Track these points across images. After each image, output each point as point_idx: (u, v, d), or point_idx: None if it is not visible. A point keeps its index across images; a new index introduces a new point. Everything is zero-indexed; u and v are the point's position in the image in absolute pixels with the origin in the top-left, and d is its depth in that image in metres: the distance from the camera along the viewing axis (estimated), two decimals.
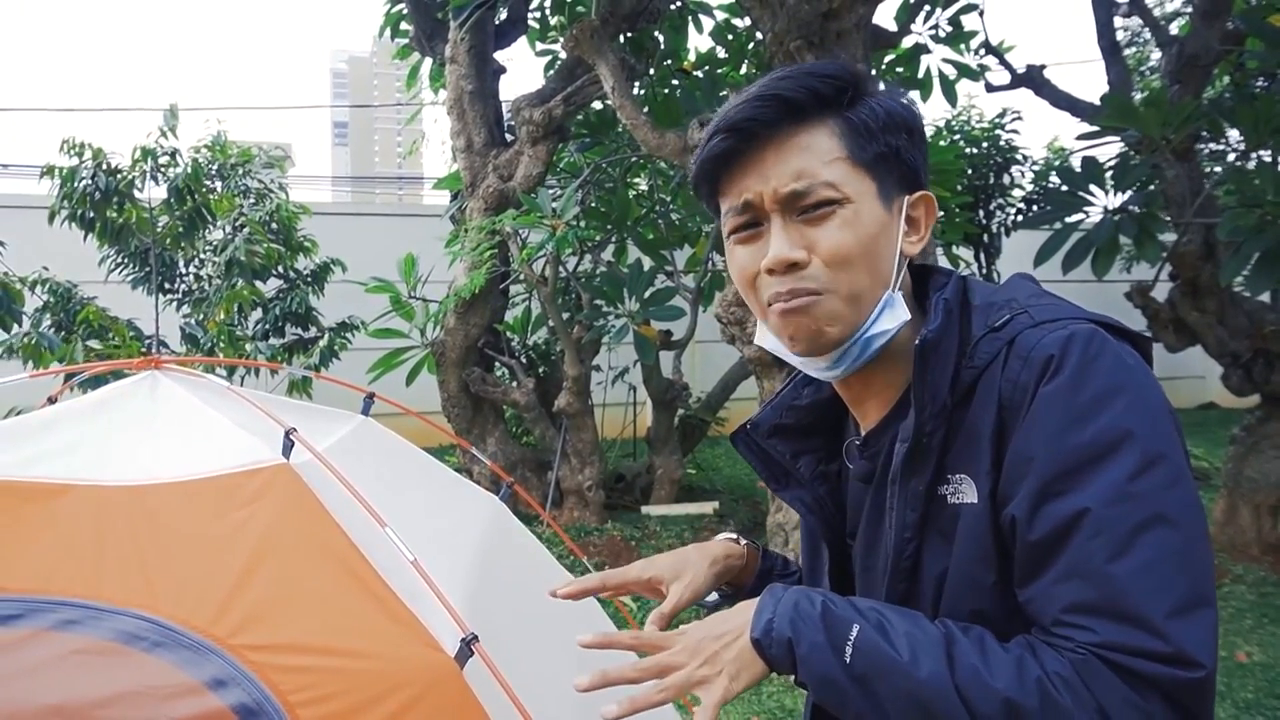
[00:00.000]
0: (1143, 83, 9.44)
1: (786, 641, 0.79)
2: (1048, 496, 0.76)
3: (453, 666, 1.24)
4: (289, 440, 1.46)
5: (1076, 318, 0.81)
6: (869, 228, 0.85)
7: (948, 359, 0.84)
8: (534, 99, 5.32)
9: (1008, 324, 0.83)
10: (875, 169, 0.86)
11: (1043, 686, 0.72)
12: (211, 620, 1.27)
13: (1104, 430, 0.75)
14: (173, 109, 4.84)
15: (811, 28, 4.24)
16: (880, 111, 0.86)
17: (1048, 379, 0.77)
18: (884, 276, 0.86)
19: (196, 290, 5.85)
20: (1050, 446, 0.76)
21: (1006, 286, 0.90)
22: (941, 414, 0.84)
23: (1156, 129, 4.28)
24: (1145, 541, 0.72)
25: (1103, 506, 0.73)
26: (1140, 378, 0.78)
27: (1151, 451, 0.74)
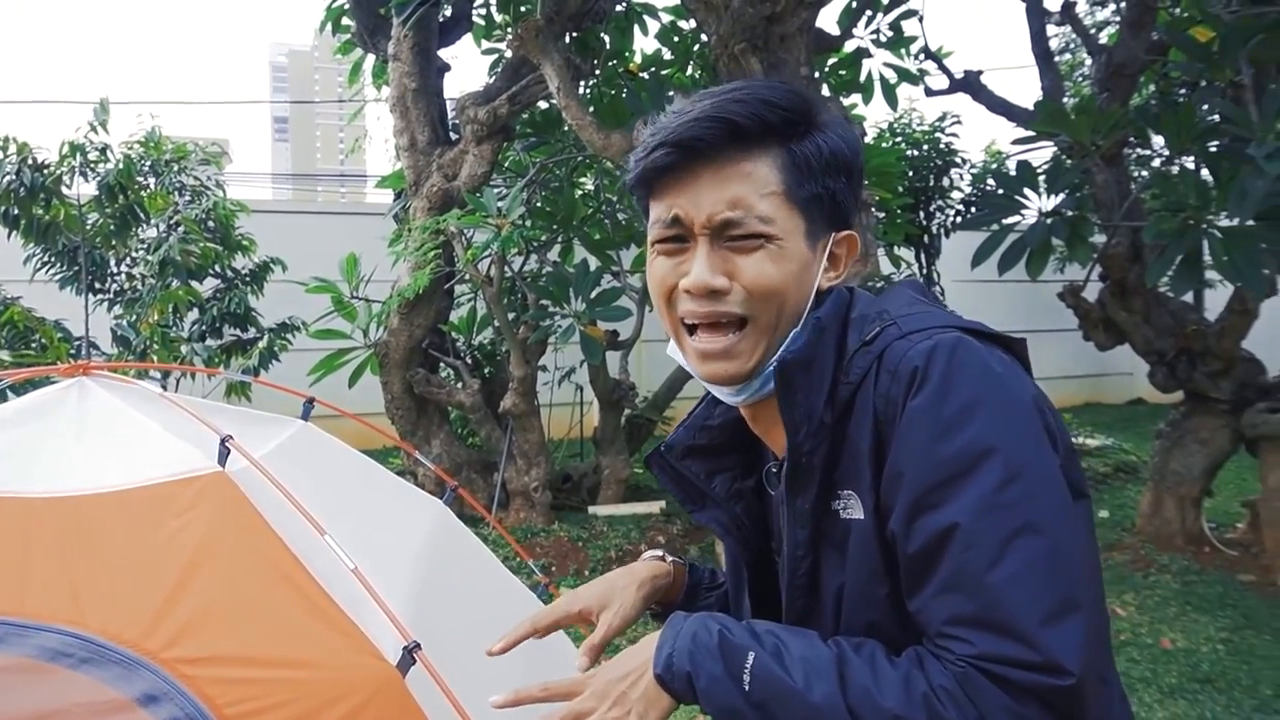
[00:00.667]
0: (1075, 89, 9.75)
1: (686, 675, 0.80)
2: (920, 510, 0.77)
3: (395, 675, 1.23)
4: (225, 447, 1.43)
5: (943, 326, 0.82)
6: (792, 265, 0.86)
7: (821, 377, 0.84)
8: (479, 98, 5.28)
9: (878, 336, 0.84)
10: (808, 208, 0.87)
11: (929, 701, 0.73)
12: (143, 634, 1.24)
13: (970, 442, 0.75)
14: (103, 103, 4.68)
15: (755, 31, 4.28)
16: (825, 151, 0.87)
17: (914, 393, 0.78)
18: (798, 311, 0.88)
19: (130, 290, 5.68)
20: (919, 461, 0.77)
21: (884, 297, 0.92)
22: (821, 432, 0.84)
23: (1086, 135, 4.42)
24: (1014, 551, 0.73)
25: (971, 519, 0.74)
26: (1006, 384, 0.78)
27: (1016, 461, 0.75)
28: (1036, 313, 9.91)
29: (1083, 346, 5.65)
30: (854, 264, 0.93)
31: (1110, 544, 5.29)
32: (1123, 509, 6.09)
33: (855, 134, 0.92)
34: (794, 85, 0.92)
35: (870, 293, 0.94)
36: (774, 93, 0.86)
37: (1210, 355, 4.97)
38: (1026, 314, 10.23)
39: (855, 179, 0.90)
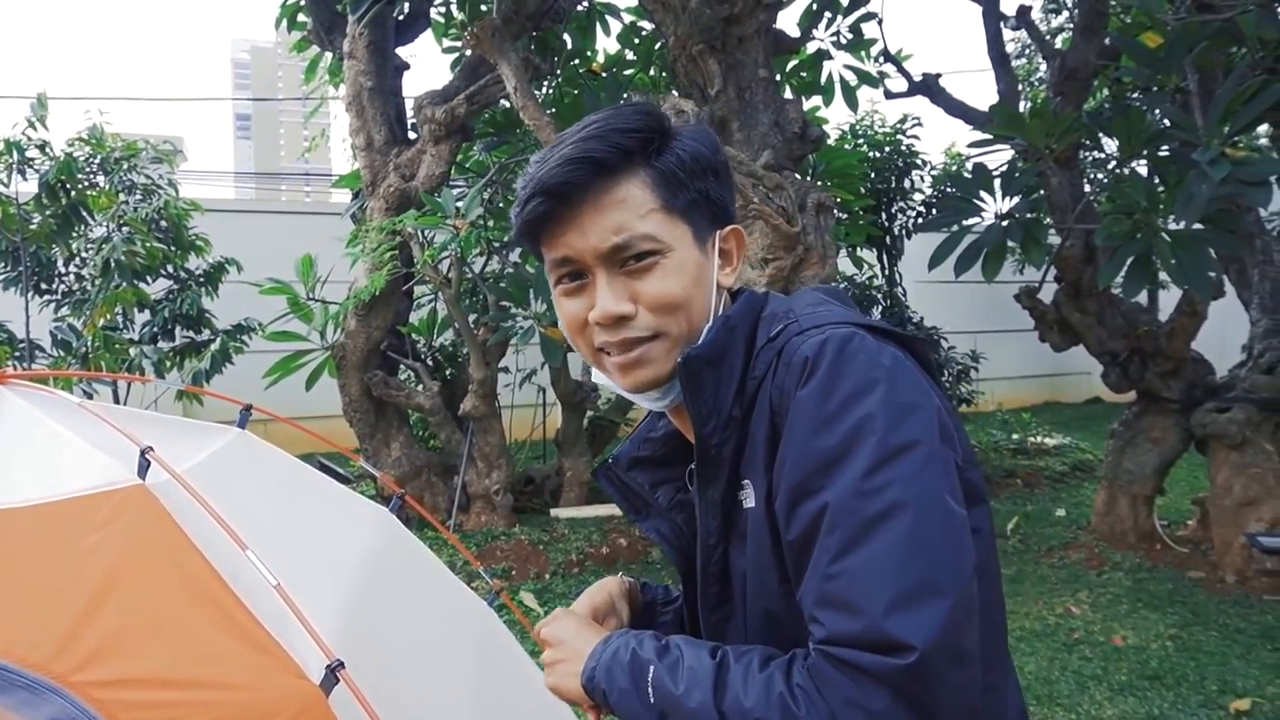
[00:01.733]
0: (1032, 92, 9.88)
1: (603, 690, 0.88)
2: (800, 497, 0.78)
3: (318, 695, 1.19)
4: (145, 459, 1.37)
5: (839, 322, 0.84)
6: (689, 272, 0.89)
7: (730, 372, 0.88)
8: (437, 97, 5.22)
9: (780, 334, 0.86)
10: (688, 214, 0.90)
11: (784, 701, 0.75)
12: (52, 656, 1.18)
13: (850, 429, 0.77)
14: (40, 98, 4.55)
15: (713, 32, 4.28)
16: (686, 158, 0.90)
17: (803, 382, 0.80)
18: (706, 313, 0.91)
19: (78, 291, 5.54)
20: (801, 448, 0.79)
21: (793, 297, 0.95)
22: (730, 426, 0.87)
23: (1041, 138, 4.47)
24: (878, 533, 0.73)
25: (839, 503, 0.75)
26: (894, 375, 0.79)
27: (894, 444, 0.76)
28: (996, 313, 10.04)
29: (1041, 346, 5.72)
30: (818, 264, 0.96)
31: (1066, 542, 5.37)
32: (1079, 507, 6.19)
33: (709, 133, 0.95)
34: (641, 104, 0.95)
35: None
36: (624, 119, 0.89)
37: (1161, 356, 5.06)
38: (987, 314, 10.38)
39: (723, 175, 0.93)
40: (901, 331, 0.86)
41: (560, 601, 4.61)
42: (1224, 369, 5.31)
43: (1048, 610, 4.32)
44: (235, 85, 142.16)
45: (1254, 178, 3.49)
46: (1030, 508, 6.34)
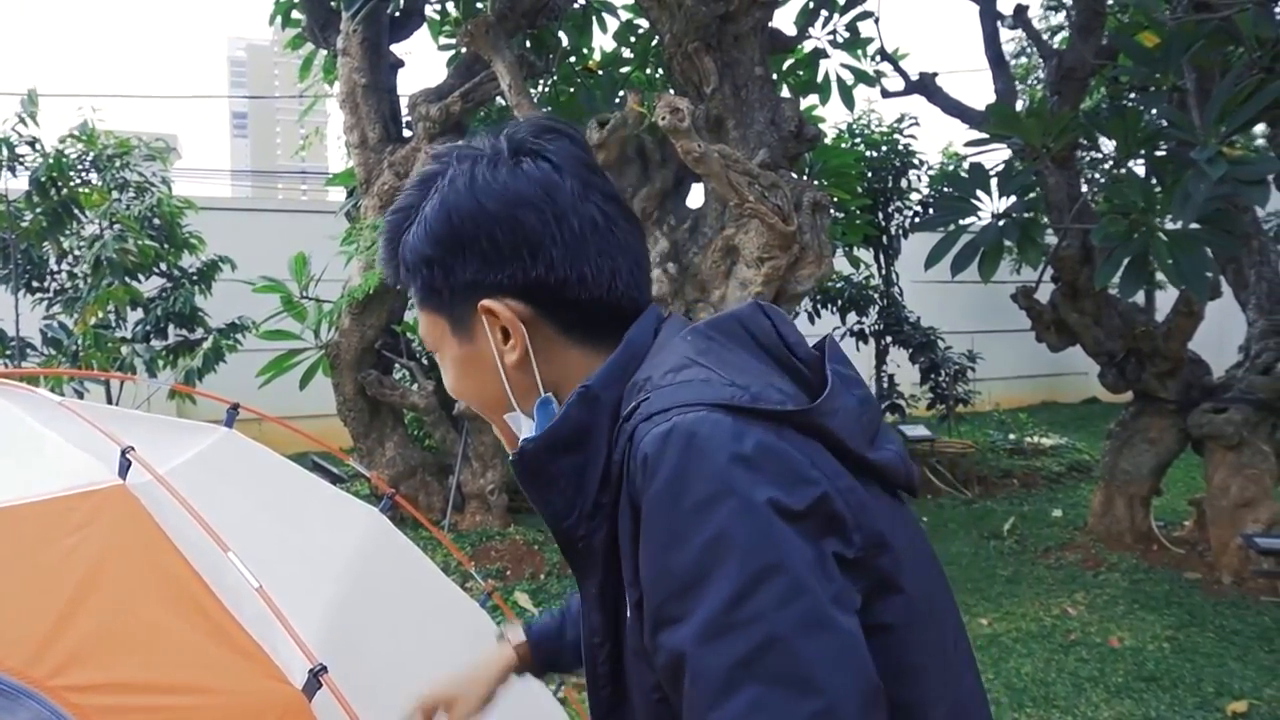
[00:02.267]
0: (1030, 92, 9.87)
1: None
2: (659, 625, 0.67)
3: (301, 699, 1.17)
4: (125, 459, 1.35)
5: (691, 404, 0.69)
6: (456, 366, 0.85)
7: (593, 455, 0.75)
8: (432, 95, 5.19)
9: (633, 414, 0.73)
10: (433, 305, 0.84)
11: None
12: (29, 660, 1.16)
13: (702, 548, 0.65)
14: (31, 95, 4.51)
15: (709, 30, 4.26)
16: (406, 253, 0.83)
17: (648, 486, 0.68)
18: (499, 399, 0.84)
19: (70, 289, 5.51)
20: (654, 568, 0.68)
21: (659, 355, 0.79)
22: (598, 514, 0.75)
23: (1038, 137, 4.45)
24: (748, 679, 0.62)
25: (697, 647, 0.64)
26: (753, 473, 0.66)
27: (755, 566, 0.64)
28: (994, 313, 10.03)
29: (1039, 346, 5.71)
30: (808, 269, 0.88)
31: (1063, 543, 5.36)
32: (1076, 508, 6.18)
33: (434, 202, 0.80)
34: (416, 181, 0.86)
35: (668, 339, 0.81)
36: (387, 216, 0.87)
37: (1158, 356, 5.05)
38: (984, 314, 10.36)
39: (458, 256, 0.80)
40: (775, 409, 0.70)
41: (555, 601, 4.59)
42: (1221, 369, 5.31)
43: (1044, 611, 4.31)
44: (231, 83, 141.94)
45: (1251, 177, 3.47)
46: (1027, 508, 6.33)
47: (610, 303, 0.81)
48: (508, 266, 0.79)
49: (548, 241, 0.79)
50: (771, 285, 4.10)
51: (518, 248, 0.79)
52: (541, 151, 0.81)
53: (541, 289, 0.79)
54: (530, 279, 0.79)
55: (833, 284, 8.53)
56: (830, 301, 8.71)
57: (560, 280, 0.79)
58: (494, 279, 0.80)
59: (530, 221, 0.78)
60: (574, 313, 0.81)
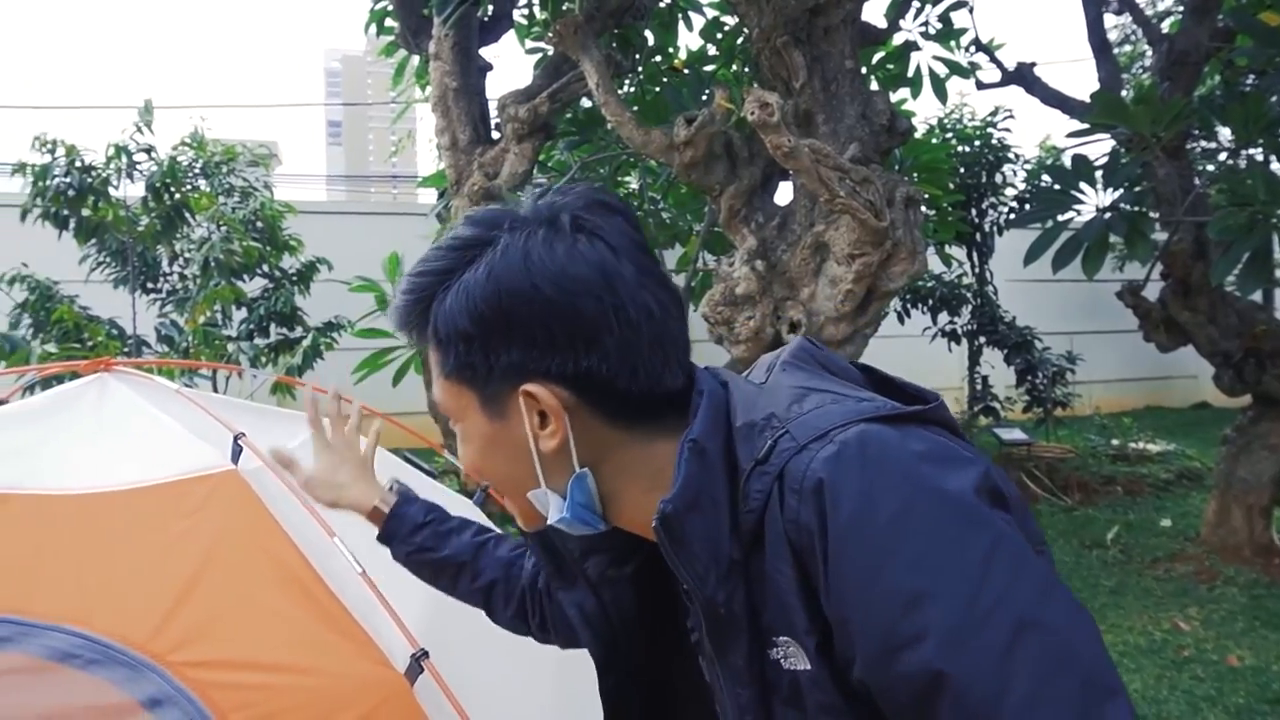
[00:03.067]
0: (1135, 81, 9.42)
1: None
2: (889, 656, 0.63)
3: (403, 684, 1.19)
4: (238, 445, 1.40)
5: (842, 424, 0.67)
6: (479, 442, 0.80)
7: (716, 509, 0.71)
8: (520, 96, 5.26)
9: (772, 452, 0.69)
10: (464, 378, 0.77)
11: None
12: (150, 636, 1.21)
13: (918, 555, 0.62)
14: (147, 105, 4.77)
15: (798, 24, 4.18)
16: (440, 323, 0.76)
17: (832, 513, 0.65)
18: (525, 477, 0.79)
19: (181, 289, 5.79)
20: (864, 602, 0.64)
21: (766, 393, 0.75)
22: (733, 572, 0.71)
23: (1146, 126, 4.23)
24: (1016, 670, 0.60)
25: (953, 655, 0.61)
26: (933, 467, 0.65)
27: (978, 555, 0.62)
28: (1093, 313, 9.60)
29: (1143, 348, 5.44)
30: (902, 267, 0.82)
31: (1172, 554, 5.07)
32: (1186, 518, 5.85)
33: (483, 277, 0.74)
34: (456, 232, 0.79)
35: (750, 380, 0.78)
36: (411, 276, 0.79)
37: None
38: (1083, 314, 9.93)
39: (492, 334, 0.74)
40: (914, 410, 0.70)
41: None
42: None
43: (1153, 625, 4.09)
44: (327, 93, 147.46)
45: None
46: (1132, 516, 6.02)
47: (658, 393, 0.76)
48: (558, 355, 0.74)
49: (604, 333, 0.73)
50: (862, 282, 4.00)
51: (572, 337, 0.73)
52: (598, 231, 0.75)
53: (590, 379, 0.74)
54: (580, 369, 0.74)
55: (923, 283, 8.31)
56: (921, 301, 8.48)
57: (611, 373, 0.74)
58: (540, 366, 0.74)
59: (588, 311, 0.73)
60: (620, 402, 0.76)
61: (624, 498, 0.79)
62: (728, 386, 0.77)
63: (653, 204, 6.36)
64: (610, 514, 0.80)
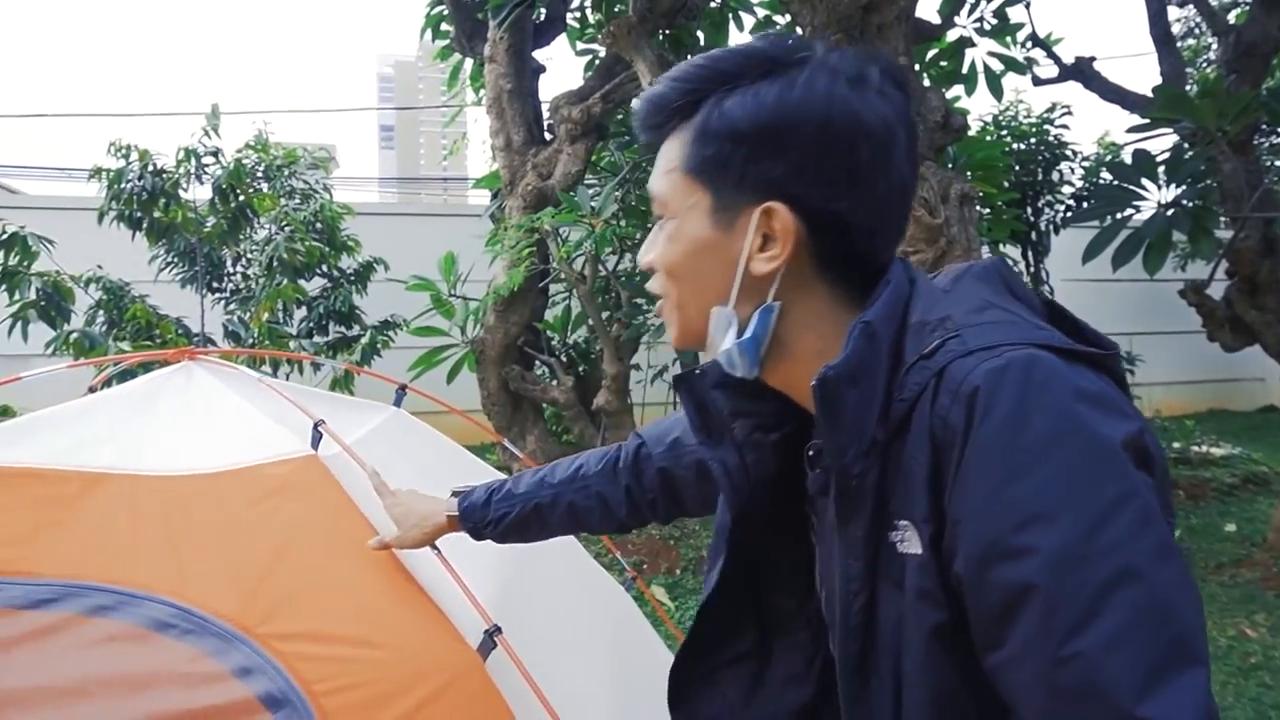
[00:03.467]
0: (1199, 74, 9.16)
1: None
2: (991, 562, 0.65)
3: (476, 659, 1.24)
4: (317, 432, 1.46)
5: (1016, 343, 0.69)
6: (689, 244, 0.80)
7: (872, 391, 0.73)
8: (573, 97, 5.33)
9: (938, 350, 0.71)
10: (709, 178, 0.79)
11: None
12: (239, 609, 1.28)
13: (1050, 481, 0.64)
14: (214, 109, 4.94)
15: (851, 21, 4.18)
16: (740, 112, 0.77)
17: (979, 422, 0.66)
18: (716, 294, 0.80)
19: (244, 289, 5.97)
20: (987, 505, 0.66)
21: (951, 296, 0.77)
22: (873, 452, 0.73)
23: (1212, 120, 4.14)
24: (1109, 608, 0.62)
25: (1053, 577, 0.63)
26: (1093, 409, 0.66)
27: (1108, 498, 0.64)
28: (1153, 313, 9.36)
29: (1206, 349, 5.30)
30: None
31: (1238, 559, 4.94)
32: (1252, 523, 5.68)
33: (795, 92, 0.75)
34: (748, 45, 0.80)
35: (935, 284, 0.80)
36: (690, 64, 0.80)
37: None
38: (1142, 314, 9.69)
39: (767, 144, 0.76)
40: (1086, 350, 0.71)
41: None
42: None
43: (1218, 631, 3.99)
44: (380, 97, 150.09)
45: None
46: (1195, 520, 5.87)
47: (871, 265, 0.79)
48: (817, 187, 0.76)
49: (866, 185, 0.76)
50: None
51: (838, 175, 0.75)
52: (893, 95, 0.77)
53: (831, 222, 0.77)
54: (829, 208, 0.76)
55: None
56: None
57: (855, 224, 0.77)
58: (795, 190, 0.76)
59: (864, 158, 0.75)
60: (842, 255, 0.79)
61: (793, 350, 0.81)
62: (914, 284, 0.79)
63: None
64: (770, 361, 0.81)
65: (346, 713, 1.19)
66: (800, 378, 0.80)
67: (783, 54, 0.77)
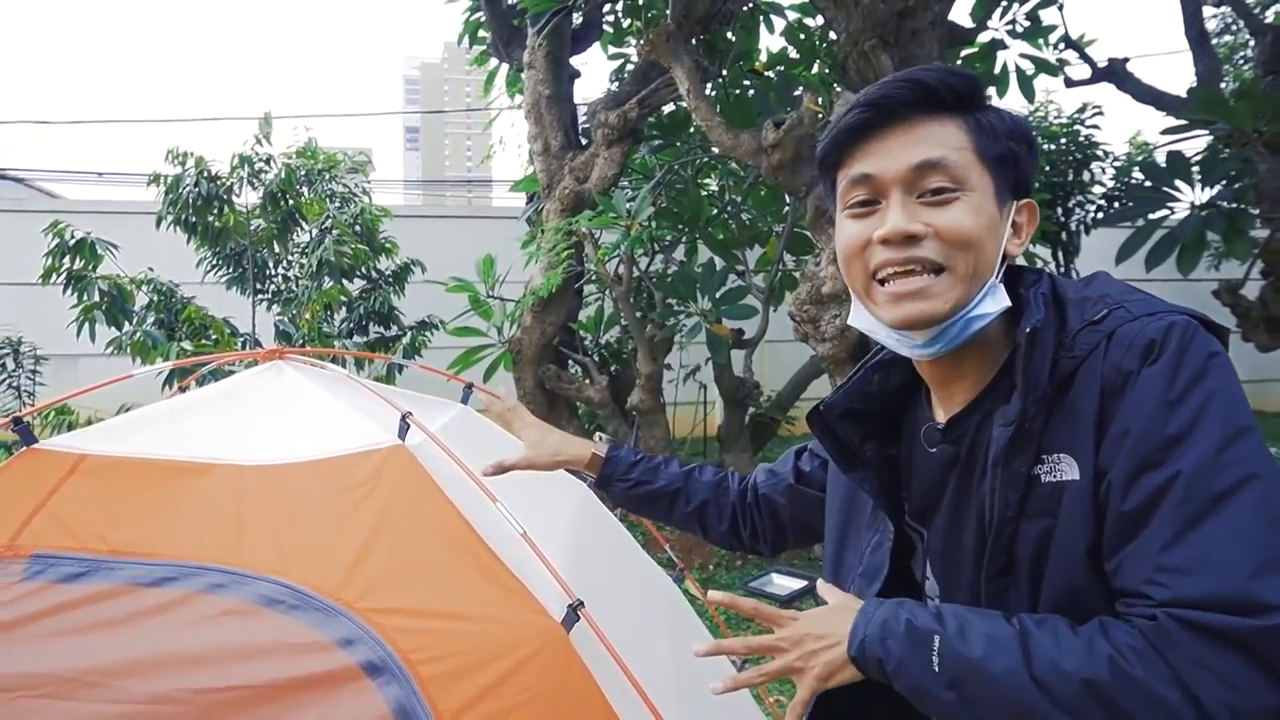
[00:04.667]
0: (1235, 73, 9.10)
1: (878, 659, 0.88)
2: (1144, 468, 0.80)
3: (560, 631, 1.34)
4: (405, 423, 1.57)
5: (1171, 310, 0.86)
6: (985, 219, 0.91)
7: (1047, 349, 0.88)
8: (610, 102, 5.43)
9: (1106, 318, 0.87)
10: (995, 168, 0.92)
11: (1114, 662, 0.75)
12: (339, 586, 1.39)
13: (1198, 408, 0.79)
14: (266, 117, 5.10)
15: (887, 26, 4.25)
16: (1006, 119, 0.94)
17: (1150, 362, 0.82)
18: (989, 268, 0.92)
19: (285, 291, 6.14)
20: (1148, 422, 0.81)
21: (1096, 283, 0.94)
22: (1042, 400, 0.87)
23: (1248, 121, 4.16)
24: (1235, 504, 0.76)
25: (1193, 472, 0.77)
26: (1226, 365, 0.83)
27: (1238, 425, 0.79)
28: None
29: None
30: None
31: None
32: None
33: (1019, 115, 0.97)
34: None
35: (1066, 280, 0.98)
36: (954, 70, 0.93)
37: None
38: None
39: (1034, 152, 0.95)
40: (1214, 321, 0.88)
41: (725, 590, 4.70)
42: None
43: None
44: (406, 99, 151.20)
45: None
46: None
47: None
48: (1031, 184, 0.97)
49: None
50: None
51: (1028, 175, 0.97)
52: None
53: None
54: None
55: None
56: None
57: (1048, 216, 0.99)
58: (1030, 188, 0.97)
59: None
60: None
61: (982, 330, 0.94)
62: (1051, 275, 0.97)
63: (733, 206, 6.47)
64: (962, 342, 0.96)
65: (442, 680, 1.30)
66: (975, 352, 0.96)
67: None
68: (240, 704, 1.27)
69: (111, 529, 1.47)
